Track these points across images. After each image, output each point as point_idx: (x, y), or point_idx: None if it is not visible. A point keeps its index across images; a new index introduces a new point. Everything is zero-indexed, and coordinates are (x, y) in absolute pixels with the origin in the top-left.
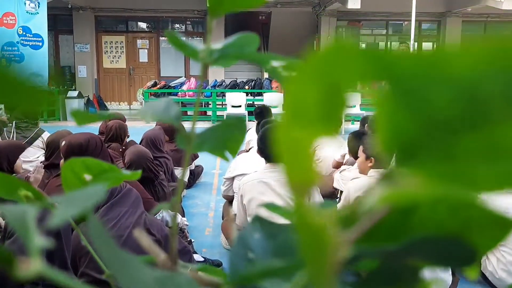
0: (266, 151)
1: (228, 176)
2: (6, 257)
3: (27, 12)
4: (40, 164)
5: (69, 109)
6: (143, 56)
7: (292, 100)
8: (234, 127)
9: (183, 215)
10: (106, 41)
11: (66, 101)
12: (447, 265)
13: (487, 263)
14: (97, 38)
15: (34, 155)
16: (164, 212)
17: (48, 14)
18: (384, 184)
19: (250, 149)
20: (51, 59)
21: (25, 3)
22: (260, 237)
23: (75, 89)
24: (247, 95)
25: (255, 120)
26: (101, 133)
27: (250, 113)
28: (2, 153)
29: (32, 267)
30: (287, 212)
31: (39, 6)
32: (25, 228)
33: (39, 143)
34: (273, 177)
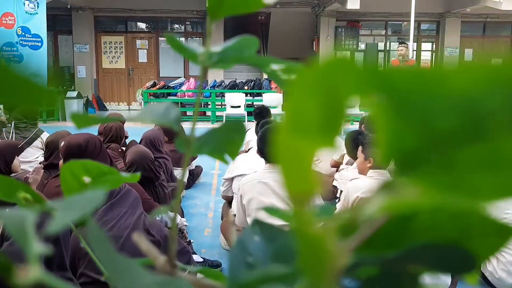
0: (266, 151)
1: (227, 176)
2: (3, 264)
3: (26, 12)
4: (39, 165)
5: (68, 109)
6: (142, 57)
7: (292, 110)
8: (234, 130)
9: (182, 215)
10: (105, 42)
11: (66, 101)
12: (446, 271)
13: (487, 263)
14: (96, 38)
15: (33, 155)
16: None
17: (47, 14)
18: (384, 193)
19: (249, 149)
20: (50, 59)
21: (24, 3)
22: (259, 240)
23: (74, 89)
24: (246, 95)
25: (254, 121)
26: (100, 133)
27: (249, 113)
28: None
29: (31, 274)
30: (286, 215)
31: (38, 7)
32: (23, 235)
33: (38, 143)
34: (272, 178)
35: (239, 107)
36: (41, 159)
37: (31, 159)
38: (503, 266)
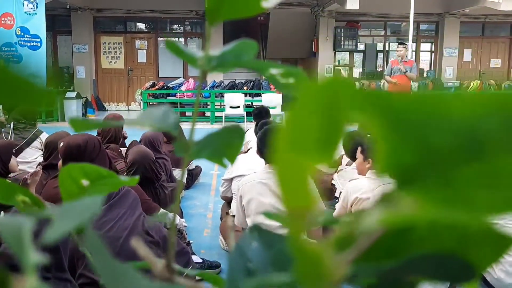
0: (266, 152)
1: (226, 177)
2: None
3: (25, 12)
4: (38, 169)
5: (68, 109)
6: (141, 57)
7: (291, 127)
8: (233, 134)
9: (181, 216)
10: (105, 42)
11: (65, 102)
12: (445, 281)
13: None
14: (96, 38)
15: (32, 156)
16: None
17: (46, 15)
18: (382, 206)
19: (248, 150)
20: (49, 59)
21: (23, 4)
22: (258, 246)
23: (73, 89)
24: (245, 95)
25: (254, 121)
26: (99, 134)
27: (248, 113)
28: None
29: (28, 286)
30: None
31: (37, 7)
32: (20, 244)
33: (37, 144)
34: (272, 178)
35: (238, 107)
36: (40, 159)
37: (30, 159)
38: (501, 266)
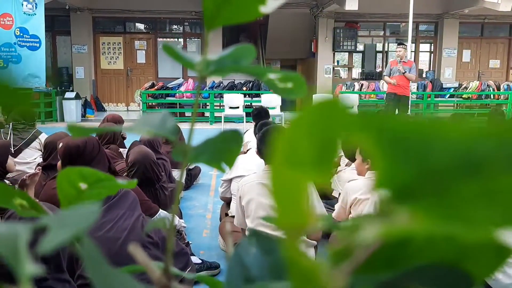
0: (266, 152)
1: (226, 177)
2: None
3: (24, 13)
4: (37, 171)
5: (67, 110)
6: (140, 57)
7: (287, 144)
8: (231, 139)
9: (180, 216)
10: (104, 42)
11: (64, 102)
12: None
13: None
14: (95, 39)
15: (31, 156)
16: (162, 214)
17: (45, 15)
18: (381, 219)
19: (248, 150)
20: (49, 60)
21: (22, 4)
22: (256, 252)
23: (72, 90)
24: (245, 96)
25: (253, 122)
26: (97, 134)
27: (247, 114)
28: None
29: None
30: None
31: (36, 7)
32: (15, 253)
33: (36, 144)
34: None
35: (237, 108)
36: (39, 160)
37: (29, 160)
38: None
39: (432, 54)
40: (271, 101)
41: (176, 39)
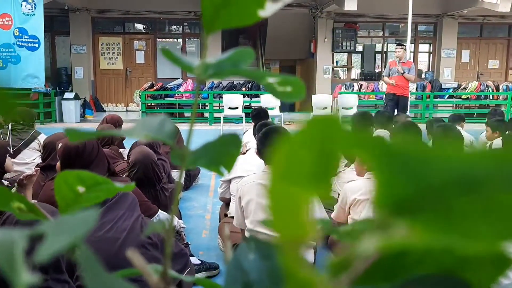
0: (266, 152)
1: (225, 178)
2: None
3: (23, 13)
4: (34, 170)
5: (66, 110)
6: (140, 58)
7: (286, 159)
8: (229, 143)
9: (179, 217)
10: (103, 43)
11: (63, 102)
12: None
13: None
14: (94, 39)
15: (30, 157)
16: (161, 215)
17: (44, 16)
18: (380, 232)
19: (247, 151)
20: (48, 60)
21: (21, 5)
22: (255, 257)
23: (71, 90)
24: (244, 96)
25: (252, 122)
26: None
27: (247, 114)
28: None
29: None
30: None
31: (35, 8)
32: (11, 262)
33: (35, 145)
34: None
35: (236, 108)
36: (38, 160)
37: (28, 160)
38: None
39: (431, 55)
40: (270, 101)
41: (175, 40)
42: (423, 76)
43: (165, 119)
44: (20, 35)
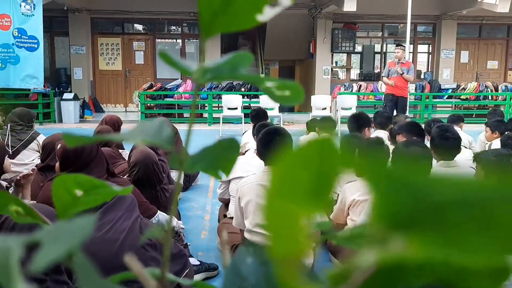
0: (266, 153)
1: (224, 179)
2: None
3: (22, 14)
4: (31, 170)
5: (65, 111)
6: (139, 58)
7: (283, 177)
8: (227, 147)
9: (178, 218)
10: (102, 43)
11: (62, 103)
12: None
13: None
14: (93, 40)
15: (29, 158)
16: (160, 215)
17: (43, 16)
18: (378, 245)
19: (246, 152)
20: (47, 61)
21: (20, 5)
22: (253, 263)
23: (70, 91)
24: (243, 97)
25: (251, 123)
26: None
27: (246, 115)
28: None
29: None
30: None
31: (34, 8)
32: (6, 272)
33: (35, 145)
34: None
35: (236, 109)
36: (37, 161)
37: (27, 161)
38: None
39: (430, 55)
40: (269, 102)
41: (175, 40)
42: (422, 76)
43: (163, 124)
44: (19, 35)
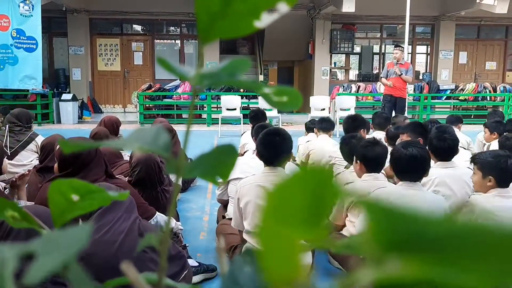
0: (265, 154)
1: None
2: None
3: (21, 14)
4: (27, 171)
5: (63, 112)
6: (137, 59)
7: (278, 203)
8: (225, 153)
9: (177, 219)
10: (101, 44)
11: (61, 104)
12: None
13: None
14: (92, 40)
15: (27, 159)
16: (159, 217)
17: (42, 17)
18: (374, 266)
19: (245, 152)
20: (45, 61)
21: (19, 6)
22: (250, 271)
23: (69, 91)
24: (242, 98)
25: (250, 123)
26: (92, 137)
27: (245, 116)
28: None
29: None
30: None
31: (33, 9)
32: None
33: (33, 146)
34: (270, 181)
35: (234, 109)
36: (36, 162)
37: (25, 162)
38: None
39: (428, 56)
40: None
41: (173, 41)
42: (420, 77)
43: (160, 130)
44: (18, 36)
